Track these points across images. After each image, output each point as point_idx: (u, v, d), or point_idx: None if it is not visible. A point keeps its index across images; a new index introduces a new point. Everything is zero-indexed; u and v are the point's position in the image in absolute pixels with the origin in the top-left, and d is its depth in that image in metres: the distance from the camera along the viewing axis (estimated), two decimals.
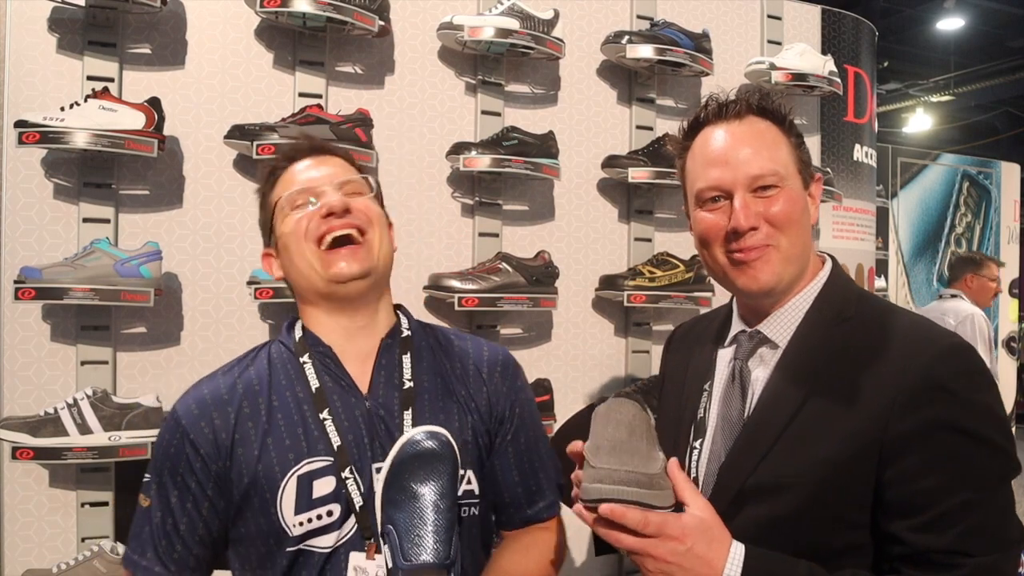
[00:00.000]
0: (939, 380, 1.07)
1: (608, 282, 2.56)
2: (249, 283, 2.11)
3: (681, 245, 2.69)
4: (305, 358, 1.27)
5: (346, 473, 1.20)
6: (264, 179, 1.36)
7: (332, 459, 1.21)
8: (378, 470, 1.21)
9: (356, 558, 1.20)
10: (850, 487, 1.09)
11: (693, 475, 1.23)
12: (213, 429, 1.23)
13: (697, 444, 1.25)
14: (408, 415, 1.25)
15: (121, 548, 1.97)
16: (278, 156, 1.36)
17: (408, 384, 1.28)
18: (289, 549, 1.19)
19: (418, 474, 1.16)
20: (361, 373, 1.28)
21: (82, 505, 2.07)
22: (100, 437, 1.93)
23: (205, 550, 1.24)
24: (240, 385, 1.26)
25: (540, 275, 2.39)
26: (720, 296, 2.68)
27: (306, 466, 1.20)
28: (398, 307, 1.38)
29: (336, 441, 1.21)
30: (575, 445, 1.14)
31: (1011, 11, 8.73)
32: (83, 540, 2.05)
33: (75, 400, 1.95)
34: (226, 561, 1.29)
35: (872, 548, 1.11)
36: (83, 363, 2.07)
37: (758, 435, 1.16)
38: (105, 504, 2.08)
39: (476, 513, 1.30)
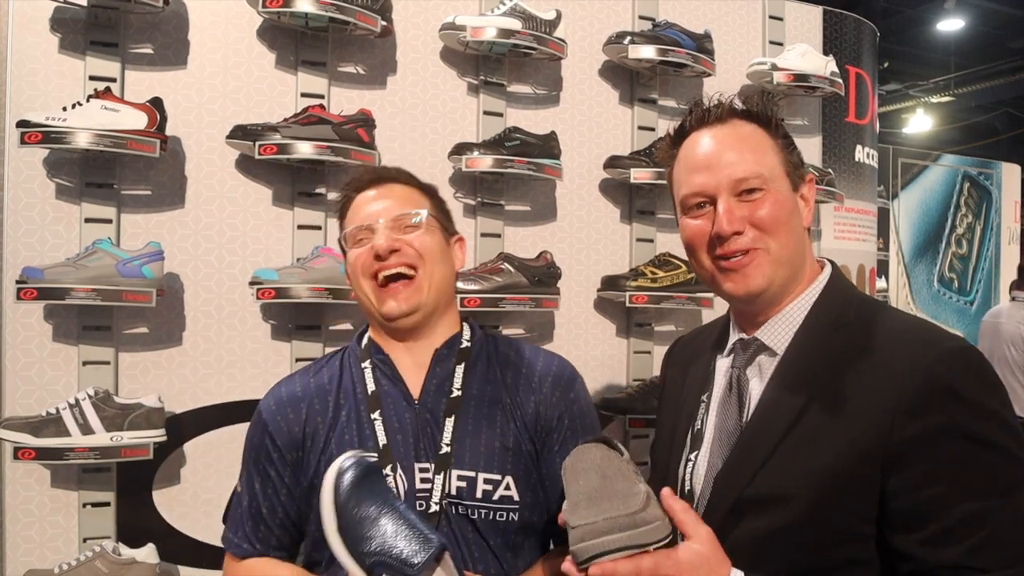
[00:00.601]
0: (943, 382, 1.02)
1: (610, 283, 2.55)
2: (251, 283, 2.11)
3: (683, 246, 2.68)
4: (366, 364, 1.41)
5: (387, 471, 1.30)
6: (338, 209, 1.49)
7: (378, 455, 1.32)
8: (421, 469, 1.32)
9: None
10: (852, 497, 1.04)
11: (688, 487, 1.21)
12: (288, 423, 1.38)
13: (693, 456, 1.22)
14: (450, 422, 1.35)
15: (123, 548, 1.97)
16: (347, 186, 1.47)
17: (456, 393, 1.37)
18: None
19: (361, 502, 1.15)
20: (416, 380, 1.39)
21: (84, 505, 2.06)
22: (102, 437, 1.93)
23: (285, 531, 1.40)
24: (313, 384, 1.41)
25: (542, 275, 2.38)
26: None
27: None
28: (466, 320, 1.48)
29: (382, 440, 1.33)
30: (560, 518, 1.10)
31: (1011, 12, 8.74)
32: (85, 540, 2.04)
33: (77, 400, 1.95)
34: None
35: (878, 563, 1.06)
36: (85, 363, 2.07)
37: (755, 444, 1.13)
38: (107, 504, 2.07)
39: (515, 519, 1.34)
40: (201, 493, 2.18)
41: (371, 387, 1.38)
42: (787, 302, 1.20)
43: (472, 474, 1.32)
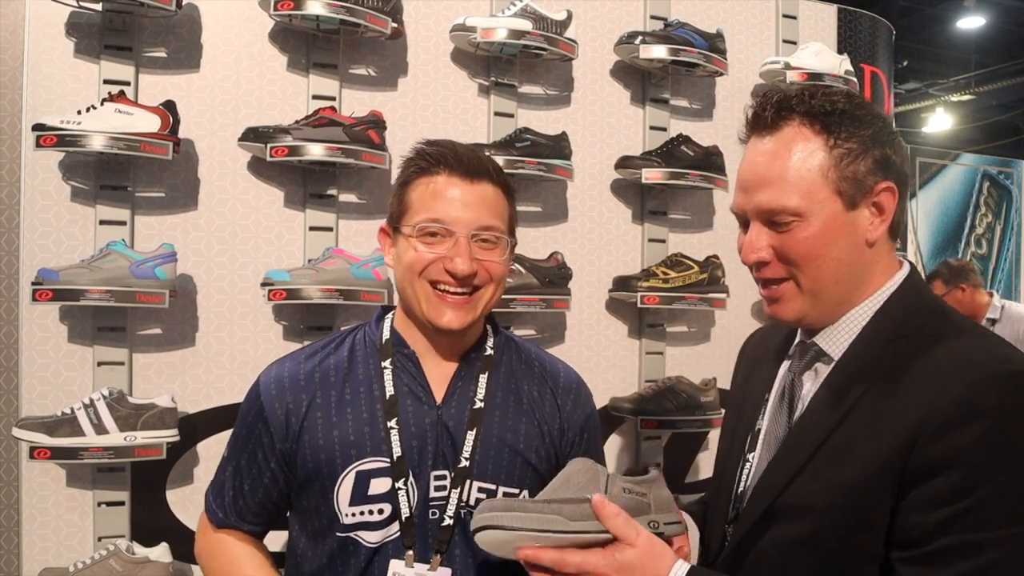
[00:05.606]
0: (971, 407, 0.96)
1: (622, 283, 2.54)
2: (263, 285, 2.12)
3: (695, 246, 2.68)
4: (387, 363, 1.34)
5: (400, 484, 1.27)
6: (410, 166, 1.33)
7: (390, 464, 1.28)
8: (437, 478, 1.29)
9: (396, 565, 1.27)
10: (866, 513, 1.00)
11: (742, 488, 1.19)
12: (286, 412, 1.31)
13: (750, 457, 1.20)
14: (471, 435, 1.31)
15: (137, 547, 1.99)
16: (431, 153, 1.31)
17: (479, 404, 1.33)
18: (339, 534, 1.28)
19: None
20: (440, 381, 1.34)
21: (98, 504, 2.08)
22: (116, 437, 1.95)
23: (263, 508, 1.37)
24: (318, 374, 1.34)
25: (553, 276, 2.38)
26: (735, 298, 2.66)
27: (366, 464, 1.28)
28: (488, 319, 1.42)
29: (397, 452, 1.28)
30: None
31: None
32: (99, 539, 2.06)
33: (91, 400, 1.97)
34: (285, 522, 1.41)
35: None
36: (99, 364, 2.09)
37: (793, 452, 1.10)
38: (121, 504, 2.09)
39: None
40: None
41: (389, 390, 1.31)
42: (850, 307, 1.12)
43: (493, 487, 1.32)
